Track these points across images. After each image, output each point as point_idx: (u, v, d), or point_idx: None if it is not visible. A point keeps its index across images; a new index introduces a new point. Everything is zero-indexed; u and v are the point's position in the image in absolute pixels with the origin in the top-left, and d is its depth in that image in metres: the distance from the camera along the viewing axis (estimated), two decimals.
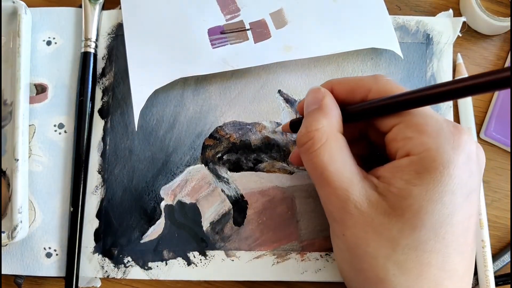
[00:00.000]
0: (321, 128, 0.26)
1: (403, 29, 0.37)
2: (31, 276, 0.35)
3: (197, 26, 0.36)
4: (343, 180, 0.25)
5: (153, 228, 0.35)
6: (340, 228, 0.26)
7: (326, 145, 0.26)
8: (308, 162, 0.27)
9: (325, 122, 0.27)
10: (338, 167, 0.26)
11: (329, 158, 0.26)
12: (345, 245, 0.26)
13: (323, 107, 0.27)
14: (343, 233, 0.26)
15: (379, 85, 0.27)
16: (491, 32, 0.37)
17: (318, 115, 0.27)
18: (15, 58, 0.35)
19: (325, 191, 0.26)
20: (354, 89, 0.28)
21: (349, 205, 0.25)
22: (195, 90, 0.36)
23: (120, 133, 0.36)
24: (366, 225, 0.25)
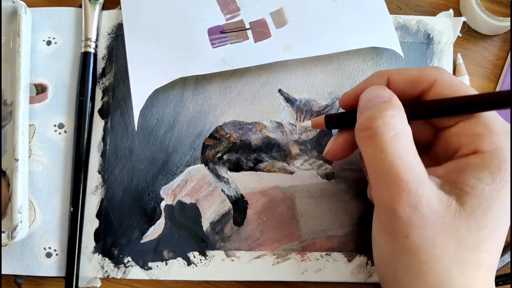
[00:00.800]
0: (397, 115, 0.24)
1: (404, 28, 0.37)
2: (31, 276, 0.35)
3: (197, 26, 0.36)
4: (416, 175, 0.23)
5: (153, 228, 0.35)
6: (404, 228, 0.24)
7: (402, 134, 0.24)
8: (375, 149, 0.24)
9: (398, 111, 0.25)
10: (412, 159, 0.24)
11: (403, 149, 0.24)
12: (406, 248, 0.24)
13: (393, 100, 0.25)
14: (406, 235, 0.24)
15: (444, 77, 0.26)
16: (491, 32, 0.37)
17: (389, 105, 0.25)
18: (15, 58, 0.35)
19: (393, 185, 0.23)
20: (416, 80, 0.27)
21: (421, 203, 0.23)
22: (195, 89, 0.36)
23: (120, 133, 0.36)
24: (435, 226, 0.23)
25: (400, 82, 0.27)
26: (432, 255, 0.23)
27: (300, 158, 0.35)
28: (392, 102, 0.25)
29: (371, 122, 0.25)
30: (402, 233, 0.24)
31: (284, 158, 0.35)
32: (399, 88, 0.27)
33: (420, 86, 0.27)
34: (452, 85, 0.26)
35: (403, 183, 0.23)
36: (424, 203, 0.23)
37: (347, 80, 0.36)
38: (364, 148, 0.25)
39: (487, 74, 0.37)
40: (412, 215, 0.23)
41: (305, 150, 0.35)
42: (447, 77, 0.26)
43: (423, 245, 0.23)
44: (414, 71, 0.27)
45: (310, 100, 0.36)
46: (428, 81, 0.26)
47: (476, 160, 0.24)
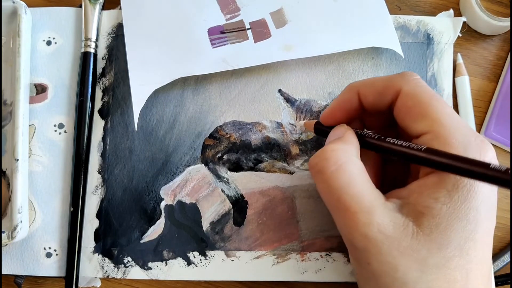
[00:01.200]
0: (338, 150, 0.25)
1: (404, 28, 0.37)
2: (31, 276, 0.35)
3: (197, 26, 0.36)
4: (364, 204, 0.24)
5: (153, 228, 0.35)
6: (364, 256, 0.24)
7: (344, 167, 0.25)
8: (323, 185, 0.25)
9: (342, 146, 0.26)
10: (358, 190, 0.24)
11: (347, 181, 0.24)
12: (370, 274, 0.24)
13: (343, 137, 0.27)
14: (367, 262, 0.24)
15: (409, 87, 0.26)
16: (491, 32, 0.37)
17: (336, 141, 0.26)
18: (15, 58, 0.35)
19: (344, 217, 0.24)
20: (383, 92, 0.27)
21: (372, 230, 0.23)
22: (195, 90, 0.36)
23: (120, 133, 0.36)
24: (392, 250, 0.23)
25: (368, 95, 0.28)
26: (395, 278, 0.23)
27: (300, 158, 0.35)
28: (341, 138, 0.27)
29: (315, 159, 0.26)
30: (364, 261, 0.24)
31: (284, 158, 0.35)
32: (368, 101, 0.28)
33: (386, 97, 0.27)
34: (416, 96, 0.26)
35: (351, 214, 0.24)
36: (375, 230, 0.23)
37: (347, 81, 0.36)
38: (316, 185, 0.26)
39: (487, 74, 0.37)
40: (367, 244, 0.24)
41: (305, 150, 0.35)
42: (412, 86, 0.26)
43: (384, 270, 0.24)
44: (381, 81, 0.27)
45: (310, 100, 0.36)
46: (393, 91, 0.27)
47: (434, 179, 0.24)
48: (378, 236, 0.23)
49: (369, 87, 0.28)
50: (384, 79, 0.27)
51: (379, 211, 0.24)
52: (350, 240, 0.25)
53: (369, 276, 0.25)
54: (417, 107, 0.25)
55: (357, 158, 0.26)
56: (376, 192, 0.25)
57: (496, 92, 0.37)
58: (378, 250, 0.23)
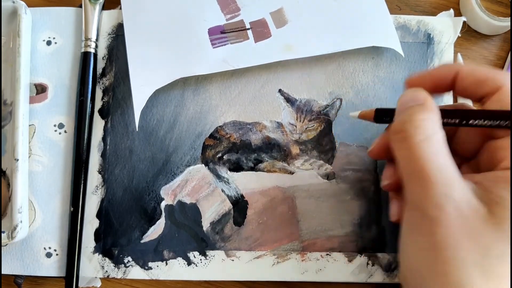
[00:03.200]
0: (428, 119, 0.25)
1: (404, 28, 0.37)
2: (31, 276, 0.35)
3: (198, 26, 0.36)
4: (446, 177, 0.24)
5: (153, 228, 0.35)
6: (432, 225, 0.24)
7: (433, 138, 0.25)
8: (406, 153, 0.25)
9: (431, 115, 0.25)
10: (443, 162, 0.24)
11: (434, 152, 0.24)
12: (430, 244, 0.24)
13: (427, 104, 0.26)
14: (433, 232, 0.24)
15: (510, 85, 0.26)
16: (491, 32, 0.37)
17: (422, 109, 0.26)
18: (15, 58, 0.35)
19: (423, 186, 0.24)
20: (483, 82, 0.26)
21: (449, 203, 0.24)
22: (196, 90, 0.36)
23: (121, 133, 0.36)
24: (462, 228, 0.23)
25: (467, 79, 0.27)
26: (456, 256, 0.23)
27: (301, 158, 0.35)
28: (426, 106, 0.26)
29: (402, 126, 0.25)
30: (429, 230, 0.24)
31: (284, 158, 0.35)
32: (463, 85, 0.27)
33: (484, 89, 0.26)
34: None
35: (432, 184, 0.24)
36: (451, 205, 0.24)
37: (347, 80, 0.36)
38: (396, 151, 0.26)
39: None
40: (439, 215, 0.24)
41: (305, 150, 0.35)
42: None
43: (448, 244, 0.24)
44: (483, 71, 0.27)
45: (310, 100, 0.36)
46: (493, 86, 0.26)
47: None
48: (452, 210, 0.24)
49: (470, 72, 0.27)
50: (487, 71, 0.27)
51: (458, 187, 0.24)
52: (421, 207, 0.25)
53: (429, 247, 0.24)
54: None
55: (442, 129, 0.25)
56: (456, 168, 0.25)
57: None
58: (448, 224, 0.24)
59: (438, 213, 0.24)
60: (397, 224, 0.27)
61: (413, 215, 0.26)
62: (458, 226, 0.24)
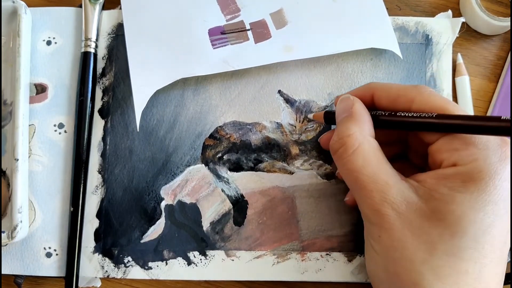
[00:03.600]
0: (353, 134, 0.27)
1: (403, 29, 0.37)
2: (31, 276, 0.35)
3: (198, 27, 0.36)
4: (379, 182, 0.25)
5: (153, 228, 0.35)
6: (376, 230, 0.26)
7: (359, 150, 0.26)
8: (343, 168, 0.27)
9: (355, 128, 0.27)
10: (373, 170, 0.26)
11: (362, 162, 0.26)
12: (380, 247, 0.26)
13: (353, 114, 0.28)
14: (379, 235, 0.26)
15: (423, 97, 0.27)
16: (491, 32, 0.37)
17: (348, 122, 0.28)
18: (15, 58, 0.35)
19: (361, 194, 0.26)
20: (397, 98, 0.28)
21: (385, 207, 0.25)
22: (195, 90, 0.36)
23: (120, 133, 0.36)
24: (404, 228, 0.25)
25: (382, 99, 0.29)
26: (403, 255, 0.24)
27: (300, 158, 0.35)
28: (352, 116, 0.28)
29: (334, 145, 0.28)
30: (376, 234, 0.26)
31: (284, 158, 0.35)
32: (381, 104, 0.29)
33: (400, 104, 0.28)
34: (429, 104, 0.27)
35: (367, 192, 0.26)
36: (389, 207, 0.25)
37: (346, 81, 0.36)
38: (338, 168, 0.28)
39: (487, 74, 0.37)
40: (380, 220, 0.25)
41: (305, 150, 0.35)
42: (426, 96, 0.27)
43: (394, 245, 0.25)
44: (396, 88, 0.29)
45: (310, 101, 0.36)
46: (407, 100, 0.28)
47: (451, 171, 0.25)
48: (391, 212, 0.25)
49: (384, 92, 0.29)
50: (399, 88, 0.29)
51: (393, 189, 0.25)
52: (366, 214, 0.27)
53: (379, 250, 0.26)
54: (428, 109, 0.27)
55: (370, 136, 0.27)
56: (391, 171, 0.26)
57: (496, 92, 0.37)
58: (390, 226, 0.25)
59: (379, 219, 0.25)
60: None
61: (365, 223, 0.28)
62: (400, 227, 0.25)
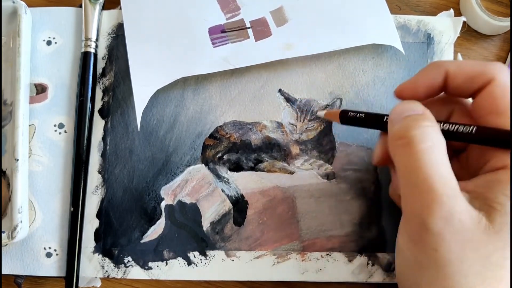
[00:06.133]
0: (432, 127, 0.24)
1: (404, 28, 0.37)
2: (31, 276, 0.35)
3: (198, 25, 0.36)
4: (450, 189, 0.23)
5: (153, 228, 0.35)
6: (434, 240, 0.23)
7: (437, 147, 0.23)
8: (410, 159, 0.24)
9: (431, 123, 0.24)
10: (446, 174, 0.23)
11: (440, 161, 0.23)
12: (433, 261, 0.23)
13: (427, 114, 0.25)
14: (435, 248, 0.23)
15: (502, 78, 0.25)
16: (491, 32, 0.37)
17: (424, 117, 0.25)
18: (15, 58, 0.35)
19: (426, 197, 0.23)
20: (474, 76, 0.26)
21: (454, 217, 0.22)
22: (195, 89, 0.36)
23: (121, 133, 0.36)
24: (465, 241, 0.23)
25: (458, 76, 0.26)
26: (459, 270, 0.23)
27: (301, 158, 0.35)
28: (427, 115, 0.25)
29: (408, 131, 0.24)
30: (431, 246, 0.23)
31: (284, 158, 0.35)
32: (455, 83, 0.27)
33: (477, 83, 0.26)
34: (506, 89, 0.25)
35: (437, 195, 0.23)
36: (456, 218, 0.23)
37: (347, 80, 0.36)
38: (398, 157, 0.25)
39: None
40: (443, 229, 0.23)
41: (305, 150, 0.35)
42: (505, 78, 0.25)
43: (451, 259, 0.23)
44: (473, 65, 0.26)
45: (311, 100, 0.36)
46: (485, 79, 0.25)
47: (505, 176, 0.23)
48: (457, 223, 0.23)
49: (461, 68, 0.26)
50: (477, 64, 0.26)
51: (461, 200, 0.23)
52: (424, 220, 0.23)
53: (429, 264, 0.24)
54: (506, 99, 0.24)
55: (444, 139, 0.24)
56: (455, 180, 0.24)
57: None
58: (453, 238, 0.23)
59: (443, 227, 0.23)
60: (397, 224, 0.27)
61: (412, 227, 0.25)
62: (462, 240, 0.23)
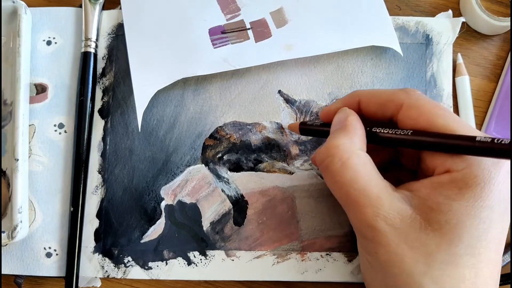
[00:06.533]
0: (341, 145, 0.26)
1: (403, 29, 0.37)
2: (31, 276, 0.35)
3: (198, 26, 0.36)
4: (371, 197, 0.25)
5: (153, 228, 0.35)
6: (372, 246, 0.25)
7: (348, 163, 0.25)
8: (331, 181, 0.26)
9: (345, 139, 0.26)
10: (364, 184, 0.25)
11: (353, 176, 0.25)
12: (377, 262, 0.25)
13: (346, 126, 0.27)
14: (375, 251, 0.25)
15: (411, 100, 0.27)
16: (491, 32, 0.37)
17: (339, 134, 0.27)
18: (15, 58, 0.35)
19: (353, 210, 0.25)
20: (385, 104, 0.28)
21: (379, 223, 0.24)
22: (196, 90, 0.36)
23: (121, 133, 0.36)
24: (400, 241, 0.24)
25: (370, 105, 0.29)
26: (402, 269, 0.24)
27: (300, 159, 0.35)
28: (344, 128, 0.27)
29: (321, 156, 0.27)
30: (372, 250, 0.25)
31: (284, 158, 0.35)
32: (369, 110, 0.29)
33: (389, 110, 0.28)
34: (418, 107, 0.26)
35: (360, 207, 0.25)
36: (382, 222, 0.24)
37: (346, 81, 0.36)
38: (325, 180, 0.27)
39: (487, 74, 0.37)
40: (375, 235, 0.25)
41: (304, 150, 0.35)
42: (414, 99, 0.27)
43: (392, 260, 0.24)
44: (383, 93, 0.28)
45: (310, 101, 0.36)
46: (395, 105, 0.27)
47: (445, 178, 0.24)
48: (385, 227, 0.24)
49: (371, 98, 0.29)
50: (387, 92, 0.28)
51: (386, 203, 0.24)
52: (359, 230, 0.26)
53: (376, 266, 0.25)
54: (422, 117, 0.26)
55: (361, 150, 0.26)
56: (382, 183, 0.25)
57: (496, 92, 0.37)
58: (386, 241, 0.24)
59: (373, 234, 0.25)
60: None
61: (358, 238, 0.27)
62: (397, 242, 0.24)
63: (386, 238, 0.24)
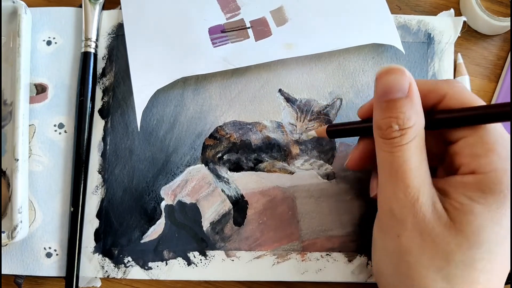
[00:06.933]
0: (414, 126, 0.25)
1: (405, 28, 0.37)
2: (31, 276, 0.35)
3: (198, 25, 0.36)
4: (418, 179, 0.24)
5: (153, 228, 0.35)
6: (398, 228, 0.25)
7: (413, 143, 0.25)
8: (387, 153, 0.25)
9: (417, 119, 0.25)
10: (417, 166, 0.25)
11: (411, 155, 0.24)
12: (395, 247, 0.25)
13: (412, 98, 0.25)
14: (398, 234, 0.25)
15: (454, 91, 0.26)
16: (491, 32, 0.37)
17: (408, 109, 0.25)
18: (15, 58, 0.35)
19: (394, 186, 0.25)
20: (426, 94, 0.27)
21: (416, 206, 0.24)
22: (195, 89, 0.36)
23: (121, 133, 0.36)
24: (425, 232, 0.24)
25: None
26: (419, 260, 0.24)
27: (301, 158, 0.35)
28: (412, 101, 0.25)
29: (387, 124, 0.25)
30: (394, 232, 0.25)
31: (284, 158, 0.35)
32: None
33: (432, 99, 0.27)
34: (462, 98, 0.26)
35: (403, 185, 0.24)
36: (419, 207, 0.24)
37: (347, 80, 0.36)
38: (378, 148, 0.26)
39: (487, 74, 0.37)
40: (406, 217, 0.24)
41: (305, 150, 0.35)
42: (458, 90, 0.26)
43: (411, 248, 0.24)
44: (425, 84, 0.27)
45: (311, 100, 0.36)
46: (438, 94, 0.27)
47: (470, 180, 0.24)
48: (419, 213, 0.24)
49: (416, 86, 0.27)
50: (429, 83, 0.27)
51: (427, 190, 0.24)
52: (391, 208, 0.25)
53: (394, 250, 0.25)
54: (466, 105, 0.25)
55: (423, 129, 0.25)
56: (428, 173, 0.25)
57: (496, 92, 0.37)
58: (414, 227, 0.24)
59: (405, 215, 0.24)
60: None
61: (383, 216, 0.27)
62: (423, 231, 0.24)
63: (413, 224, 0.24)
